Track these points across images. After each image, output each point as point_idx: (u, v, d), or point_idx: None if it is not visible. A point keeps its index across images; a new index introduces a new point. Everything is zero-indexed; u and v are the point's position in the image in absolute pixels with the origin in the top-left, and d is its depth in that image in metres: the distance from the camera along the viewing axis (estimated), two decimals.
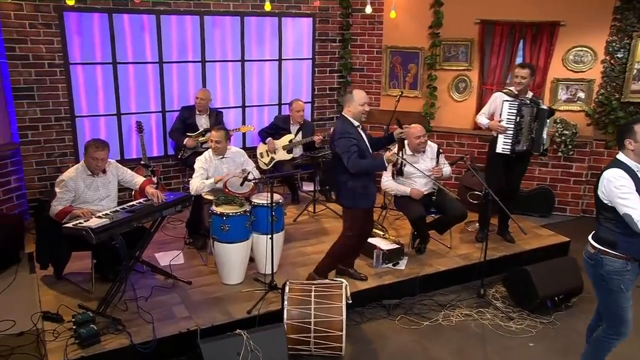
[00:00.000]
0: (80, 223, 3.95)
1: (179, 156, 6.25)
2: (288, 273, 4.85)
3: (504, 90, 5.26)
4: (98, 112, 6.11)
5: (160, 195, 4.39)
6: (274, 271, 4.53)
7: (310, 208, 6.32)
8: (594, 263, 3.27)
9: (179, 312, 4.20)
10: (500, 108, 5.14)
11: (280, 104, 7.12)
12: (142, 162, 6.13)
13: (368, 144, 4.37)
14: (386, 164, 4.17)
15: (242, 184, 4.71)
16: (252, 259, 4.81)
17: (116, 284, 4.19)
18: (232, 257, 4.54)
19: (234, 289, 4.58)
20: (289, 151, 6.49)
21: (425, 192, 5.13)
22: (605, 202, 3.16)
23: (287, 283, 4.03)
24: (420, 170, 4.89)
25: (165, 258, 5.09)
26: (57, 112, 5.89)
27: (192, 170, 6.23)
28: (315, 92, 7.31)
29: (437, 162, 5.12)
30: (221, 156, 5.05)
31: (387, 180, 5.12)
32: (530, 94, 5.20)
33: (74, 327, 3.80)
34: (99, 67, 6.01)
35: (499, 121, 5.13)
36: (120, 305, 4.18)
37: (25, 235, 5.62)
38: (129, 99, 6.24)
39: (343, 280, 4.09)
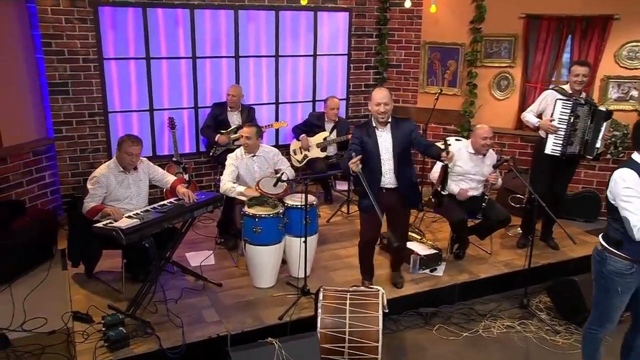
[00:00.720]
0: (110, 223, 3.88)
1: (211, 153, 6.16)
2: (321, 277, 4.70)
3: (556, 88, 4.98)
4: (131, 108, 6.05)
5: (191, 195, 4.29)
6: (307, 275, 4.37)
7: (344, 209, 6.14)
8: (599, 260, 3.26)
9: (209, 316, 4.09)
10: (552, 107, 4.85)
11: (314, 101, 6.95)
12: (173, 159, 6.06)
13: (391, 145, 4.14)
14: (348, 169, 3.95)
15: (275, 185, 4.56)
16: (284, 261, 4.66)
17: (146, 285, 4.11)
18: (264, 260, 4.41)
19: (266, 292, 4.45)
20: (323, 149, 6.32)
21: (469, 194, 4.89)
22: (612, 202, 3.13)
23: (321, 290, 3.87)
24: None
25: (196, 258, 4.99)
26: (90, 108, 5.86)
27: (224, 167, 6.18)
28: (351, 89, 7.12)
29: (495, 170, 4.89)
30: (252, 154, 4.91)
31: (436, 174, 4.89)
32: (584, 94, 4.90)
33: (103, 329, 3.73)
34: (132, 62, 5.94)
35: (550, 120, 4.85)
36: (150, 307, 4.10)
37: (58, 231, 5.61)
38: (161, 95, 6.16)
39: (379, 288, 3.90)
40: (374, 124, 4.15)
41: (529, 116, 5.07)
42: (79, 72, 5.72)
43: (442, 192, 4.39)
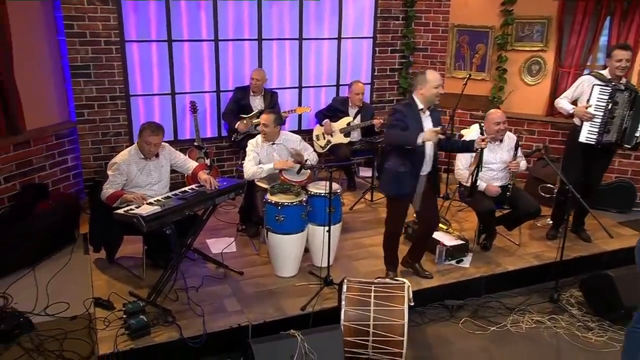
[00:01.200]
0: (131, 210, 3.82)
1: (232, 139, 6.06)
2: (344, 267, 4.60)
3: (593, 73, 4.75)
4: (152, 91, 5.98)
5: (213, 182, 4.20)
6: (330, 265, 4.27)
7: (368, 196, 6.02)
8: None
9: (230, 305, 4.03)
10: (589, 93, 4.63)
11: (338, 85, 6.80)
12: (195, 144, 5.99)
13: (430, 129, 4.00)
14: (418, 141, 3.79)
15: (299, 172, 4.45)
16: (306, 250, 4.57)
17: (167, 273, 4.06)
18: (287, 249, 4.32)
19: (288, 282, 4.37)
20: (347, 135, 6.19)
21: (498, 190, 4.73)
22: None
23: (345, 281, 3.77)
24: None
25: (217, 245, 4.93)
26: (112, 91, 5.80)
27: (246, 152, 6.09)
28: (375, 73, 6.94)
29: (515, 154, 4.70)
30: (271, 142, 4.80)
31: (462, 170, 4.74)
32: (624, 80, 4.66)
33: (124, 316, 3.70)
34: (154, 45, 5.85)
35: (586, 107, 4.63)
36: (171, 294, 4.05)
37: (80, 215, 5.60)
38: (183, 78, 6.07)
39: (405, 280, 3.79)
40: (420, 106, 3.99)
41: (563, 102, 4.85)
42: (100, 54, 5.65)
43: (476, 185, 4.27)
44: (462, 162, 4.80)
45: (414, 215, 4.54)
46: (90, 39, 5.56)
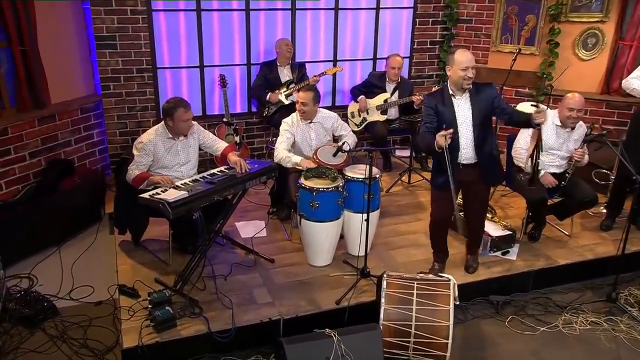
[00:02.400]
0: (157, 194, 3.59)
1: (264, 114, 5.77)
2: (381, 256, 4.32)
3: None
4: (180, 64, 5.69)
5: (244, 164, 3.93)
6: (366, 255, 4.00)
7: (405, 178, 5.68)
8: None
9: (260, 296, 3.80)
10: None
11: (375, 59, 6.40)
12: (224, 120, 5.67)
13: (470, 114, 3.65)
14: (430, 145, 3.51)
15: (335, 155, 4.15)
16: (341, 237, 4.29)
17: (194, 260, 3.84)
18: (321, 238, 4.05)
19: (321, 271, 4.12)
20: (383, 112, 5.83)
21: (553, 180, 4.36)
22: None
23: (385, 276, 3.49)
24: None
25: (247, 229, 4.69)
26: (138, 63, 5.53)
27: (277, 129, 5.79)
28: (415, 46, 6.50)
29: (582, 145, 4.30)
30: (309, 120, 4.48)
31: (523, 152, 4.37)
32: None
33: (149, 306, 3.51)
34: (182, 14, 5.54)
35: None
36: (198, 283, 3.83)
37: (106, 193, 5.42)
38: (212, 50, 5.76)
39: (450, 277, 3.48)
40: (450, 91, 3.64)
41: (636, 82, 4.39)
42: (126, 24, 5.37)
43: (537, 168, 3.93)
44: (521, 140, 4.40)
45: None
46: (115, 8, 5.28)
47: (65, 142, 5.29)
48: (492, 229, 4.40)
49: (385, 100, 5.81)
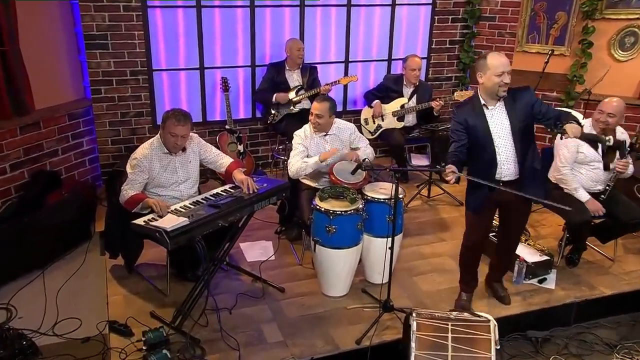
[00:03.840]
0: (153, 219, 3.11)
1: (269, 121, 5.28)
2: (403, 284, 3.86)
3: None
4: (178, 66, 5.20)
5: (251, 184, 3.46)
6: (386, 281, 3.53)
7: (424, 191, 5.21)
8: None
9: (271, 334, 3.34)
10: None
11: (390, 59, 5.91)
12: (226, 127, 5.24)
13: (509, 123, 3.18)
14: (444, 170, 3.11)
15: (353, 172, 3.67)
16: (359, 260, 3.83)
17: (195, 292, 3.38)
18: (338, 266, 3.58)
19: (337, 303, 3.65)
20: (400, 118, 5.36)
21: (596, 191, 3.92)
22: None
23: (414, 316, 3.02)
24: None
25: (252, 251, 4.23)
26: (132, 65, 5.05)
27: (284, 137, 5.33)
28: (433, 46, 6.02)
29: (623, 154, 3.81)
30: (324, 133, 4.00)
31: (565, 168, 3.91)
32: None
33: (144, 348, 3.06)
34: (180, 11, 5.05)
35: None
36: (201, 319, 3.35)
37: (97, 207, 4.94)
38: (213, 51, 5.27)
39: (490, 317, 3.02)
40: (482, 101, 3.17)
41: None
42: (119, 22, 4.88)
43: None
44: (563, 158, 3.95)
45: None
46: (107, 4, 4.80)
47: (51, 152, 4.80)
48: (528, 254, 3.94)
49: (402, 106, 5.33)
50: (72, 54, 4.95)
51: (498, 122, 3.19)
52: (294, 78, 5.23)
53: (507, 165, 3.23)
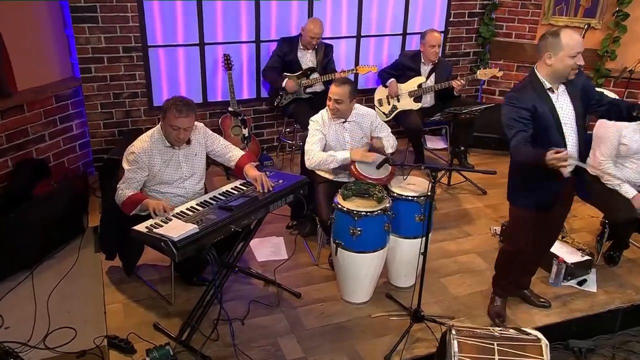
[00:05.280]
0: (156, 225, 2.72)
1: (276, 103, 4.84)
2: (429, 286, 3.50)
3: None
4: (176, 42, 4.72)
5: (266, 181, 3.06)
6: (420, 293, 3.18)
7: (444, 179, 4.83)
8: None
9: (289, 349, 3.00)
10: None
11: (404, 34, 5.45)
12: (230, 109, 4.80)
13: (572, 110, 2.82)
14: (545, 162, 2.56)
15: (379, 166, 3.27)
16: None
17: (203, 301, 3.01)
18: (362, 271, 3.22)
19: (360, 311, 3.31)
20: (417, 99, 4.94)
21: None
22: None
23: (453, 333, 2.68)
24: None
25: (262, 249, 3.86)
26: (125, 40, 4.57)
27: (291, 120, 4.93)
28: (451, 19, 5.56)
29: None
30: (342, 120, 3.59)
31: (607, 162, 3.55)
32: None
33: None
34: None
35: None
36: (210, 330, 2.99)
37: (90, 198, 4.53)
38: (214, 25, 4.78)
39: (540, 335, 2.68)
40: (547, 84, 2.76)
41: None
42: None
43: None
44: (604, 148, 3.58)
45: None
46: None
47: (37, 138, 4.38)
48: (566, 253, 3.60)
49: (420, 86, 4.91)
50: (57, 28, 4.46)
51: (564, 109, 2.82)
52: (307, 58, 4.77)
53: (573, 156, 2.86)
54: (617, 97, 3.38)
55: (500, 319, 3.20)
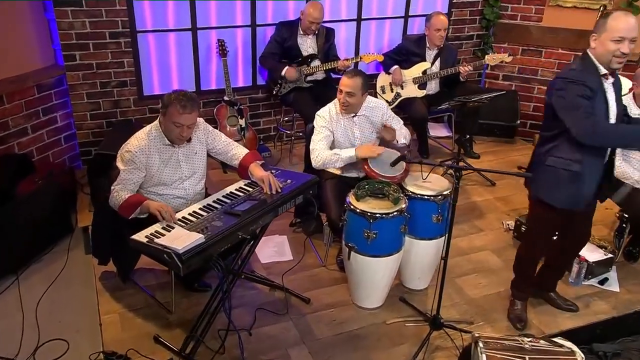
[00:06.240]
0: (158, 233, 2.47)
1: (274, 92, 4.57)
2: (445, 287, 3.24)
3: None
4: (167, 26, 4.40)
5: (273, 182, 2.82)
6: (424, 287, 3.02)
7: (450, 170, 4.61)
8: None
9: None
10: None
11: (406, 16, 5.18)
12: (225, 98, 4.52)
13: (616, 108, 2.64)
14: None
15: (394, 164, 3.05)
16: None
17: (208, 313, 2.79)
18: (377, 275, 3.02)
19: (374, 316, 3.13)
20: (422, 86, 4.71)
21: None
22: None
23: (480, 344, 2.49)
24: None
25: (266, 250, 3.64)
26: (112, 25, 4.24)
27: (290, 109, 4.68)
28: (454, 1, 5.30)
29: None
30: (352, 114, 3.34)
31: (617, 160, 3.37)
32: None
33: None
34: None
35: None
36: (215, 343, 2.78)
37: (78, 194, 4.25)
38: (208, 8, 4.47)
39: (574, 347, 2.51)
40: (601, 71, 2.54)
41: None
42: None
43: None
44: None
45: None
46: None
47: (18, 131, 4.08)
48: (587, 251, 3.42)
49: (425, 72, 4.68)
50: (37, 11, 4.12)
51: (610, 98, 2.62)
52: (307, 44, 4.48)
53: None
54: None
55: (522, 324, 3.03)
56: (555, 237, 3.03)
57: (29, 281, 3.52)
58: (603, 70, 2.55)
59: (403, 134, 3.41)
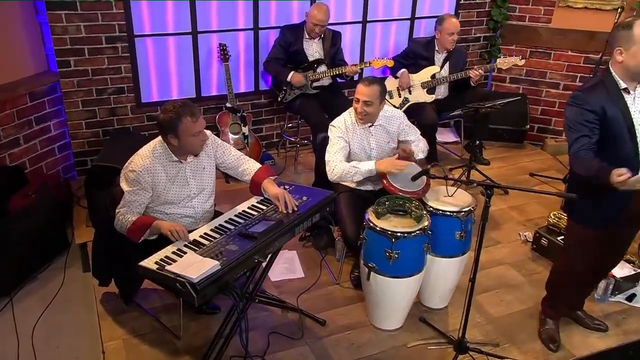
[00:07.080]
0: (168, 259, 2.29)
1: (279, 98, 4.37)
2: (461, 306, 3.15)
3: None
4: (166, 30, 4.20)
5: (289, 200, 2.64)
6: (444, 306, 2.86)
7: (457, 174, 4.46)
8: None
9: None
10: None
11: (412, 18, 5.01)
12: (227, 104, 4.33)
13: None
14: (609, 181, 2.25)
15: (415, 178, 2.88)
16: None
17: (220, 341, 2.61)
18: (398, 296, 2.86)
19: (394, 339, 2.96)
20: (430, 90, 4.55)
21: None
22: None
23: None
24: None
25: (276, 266, 3.40)
26: (109, 29, 4.04)
27: (296, 116, 4.50)
28: (461, 2, 5.14)
29: None
30: (369, 123, 3.17)
31: None
32: None
33: None
34: None
35: None
36: None
37: (74, 208, 4.04)
38: (209, 11, 4.27)
39: None
40: (620, 83, 2.40)
41: None
42: None
43: None
44: None
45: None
46: None
47: (10, 142, 3.87)
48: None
49: (433, 76, 4.52)
50: (28, 15, 3.90)
51: (635, 111, 2.46)
52: (313, 48, 4.29)
53: None
54: None
55: (555, 345, 2.89)
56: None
57: (23, 303, 3.33)
58: (623, 85, 2.41)
59: (421, 148, 3.25)
